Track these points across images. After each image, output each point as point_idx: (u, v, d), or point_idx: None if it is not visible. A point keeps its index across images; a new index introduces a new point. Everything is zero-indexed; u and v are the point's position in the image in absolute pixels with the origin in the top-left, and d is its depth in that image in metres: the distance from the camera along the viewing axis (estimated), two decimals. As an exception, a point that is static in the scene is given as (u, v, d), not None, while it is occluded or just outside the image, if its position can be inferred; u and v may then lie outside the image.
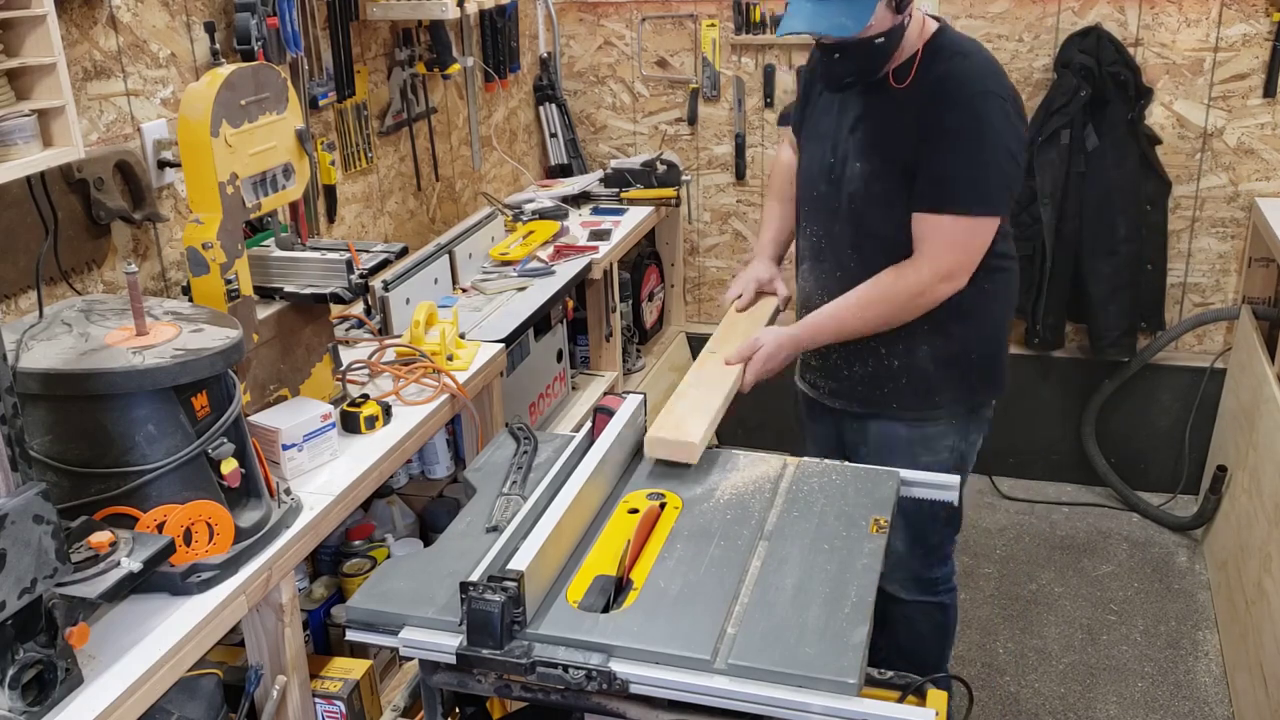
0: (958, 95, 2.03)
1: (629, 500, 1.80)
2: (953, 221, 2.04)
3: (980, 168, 2.03)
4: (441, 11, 2.93)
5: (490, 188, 3.72)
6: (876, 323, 2.13)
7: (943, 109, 2.03)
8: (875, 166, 2.11)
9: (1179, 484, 3.84)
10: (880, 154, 2.11)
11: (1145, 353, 3.75)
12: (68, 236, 2.07)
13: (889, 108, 2.10)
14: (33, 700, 1.40)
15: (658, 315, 4.09)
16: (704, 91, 3.99)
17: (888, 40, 2.02)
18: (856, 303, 2.13)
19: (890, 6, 1.99)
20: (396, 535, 2.52)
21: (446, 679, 1.52)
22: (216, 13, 2.41)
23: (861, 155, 2.14)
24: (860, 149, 2.14)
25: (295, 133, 2.09)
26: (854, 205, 2.16)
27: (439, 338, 2.41)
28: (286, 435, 1.97)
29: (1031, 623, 3.27)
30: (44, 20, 1.72)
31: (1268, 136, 3.53)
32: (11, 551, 1.32)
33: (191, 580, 1.65)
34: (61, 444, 1.62)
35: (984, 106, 2.01)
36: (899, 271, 2.09)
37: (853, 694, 1.36)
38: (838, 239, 2.21)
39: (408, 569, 1.62)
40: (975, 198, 2.04)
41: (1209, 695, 2.96)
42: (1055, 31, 3.60)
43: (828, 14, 1.97)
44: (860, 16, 1.96)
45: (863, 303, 2.12)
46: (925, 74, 2.06)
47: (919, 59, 2.07)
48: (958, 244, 2.06)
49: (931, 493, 1.90)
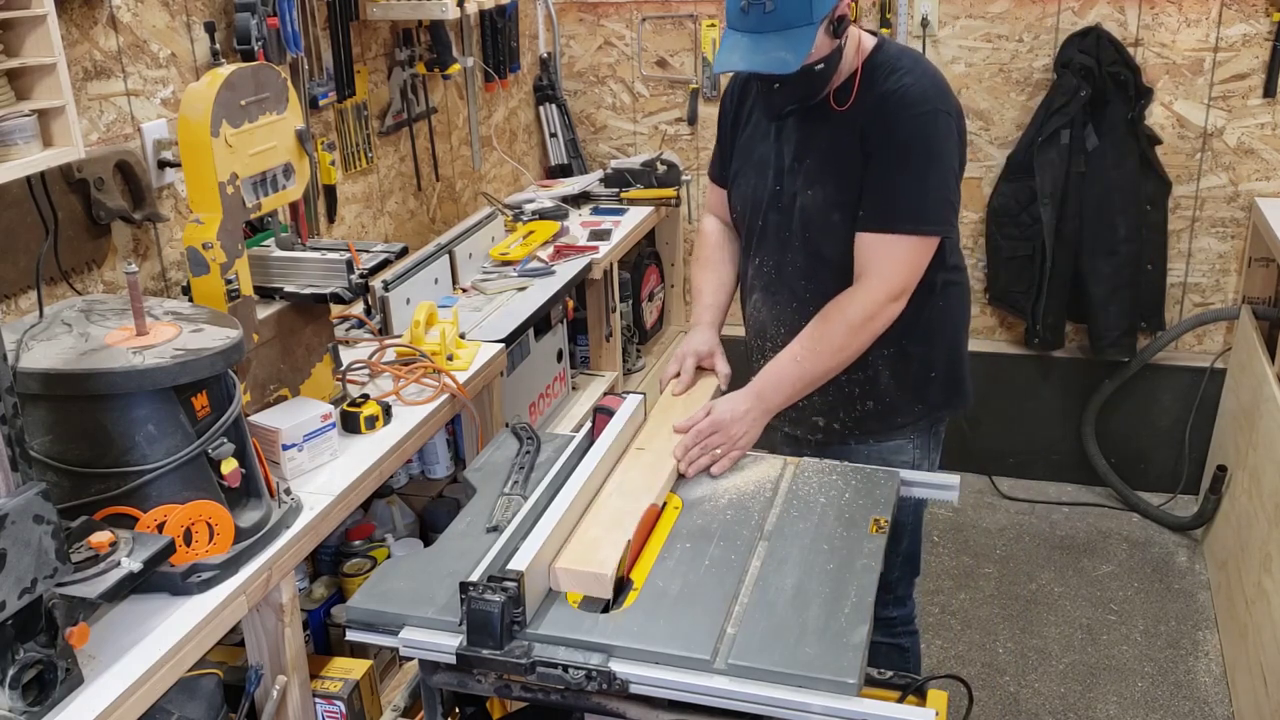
0: (903, 114, 1.96)
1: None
2: (900, 241, 1.97)
3: (927, 187, 1.97)
4: (441, 11, 2.93)
5: (490, 188, 3.72)
6: (834, 355, 2.00)
7: (888, 128, 1.96)
8: (829, 193, 2.03)
9: (1179, 484, 3.84)
10: (833, 180, 2.03)
11: (1145, 353, 3.75)
12: (68, 236, 2.07)
13: (833, 131, 2.03)
14: (33, 700, 1.40)
15: (658, 315, 4.09)
16: (704, 91, 3.99)
17: (827, 66, 1.95)
18: (810, 340, 2.00)
19: (829, 32, 1.91)
20: (396, 535, 2.52)
21: (446, 679, 1.53)
22: (216, 13, 2.41)
23: (812, 183, 2.06)
24: (810, 176, 2.06)
25: (295, 133, 2.09)
26: (808, 233, 2.08)
27: (439, 338, 2.41)
28: (286, 435, 1.97)
29: (1031, 623, 3.27)
30: (44, 20, 1.73)
31: (1268, 136, 3.53)
32: (12, 551, 1.32)
33: (192, 580, 1.65)
34: (62, 444, 1.62)
35: (931, 125, 1.95)
36: (847, 298, 1.99)
37: (853, 694, 1.36)
38: (790, 267, 2.13)
39: (408, 569, 1.62)
40: (923, 217, 1.97)
41: (1209, 695, 2.96)
42: (1055, 31, 3.60)
43: (766, 48, 1.88)
44: (800, 49, 1.87)
45: (816, 338, 2.00)
46: (866, 93, 2.00)
47: (859, 78, 2.00)
48: (904, 263, 1.98)
49: (932, 493, 1.91)
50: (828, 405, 2.17)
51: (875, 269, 1.98)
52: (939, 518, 3.79)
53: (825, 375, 2.02)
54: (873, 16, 3.69)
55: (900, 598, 2.35)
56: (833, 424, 2.19)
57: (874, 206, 1.98)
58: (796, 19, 1.86)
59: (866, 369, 2.10)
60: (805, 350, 2.00)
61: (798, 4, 1.85)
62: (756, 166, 2.16)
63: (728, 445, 1.91)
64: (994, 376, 3.87)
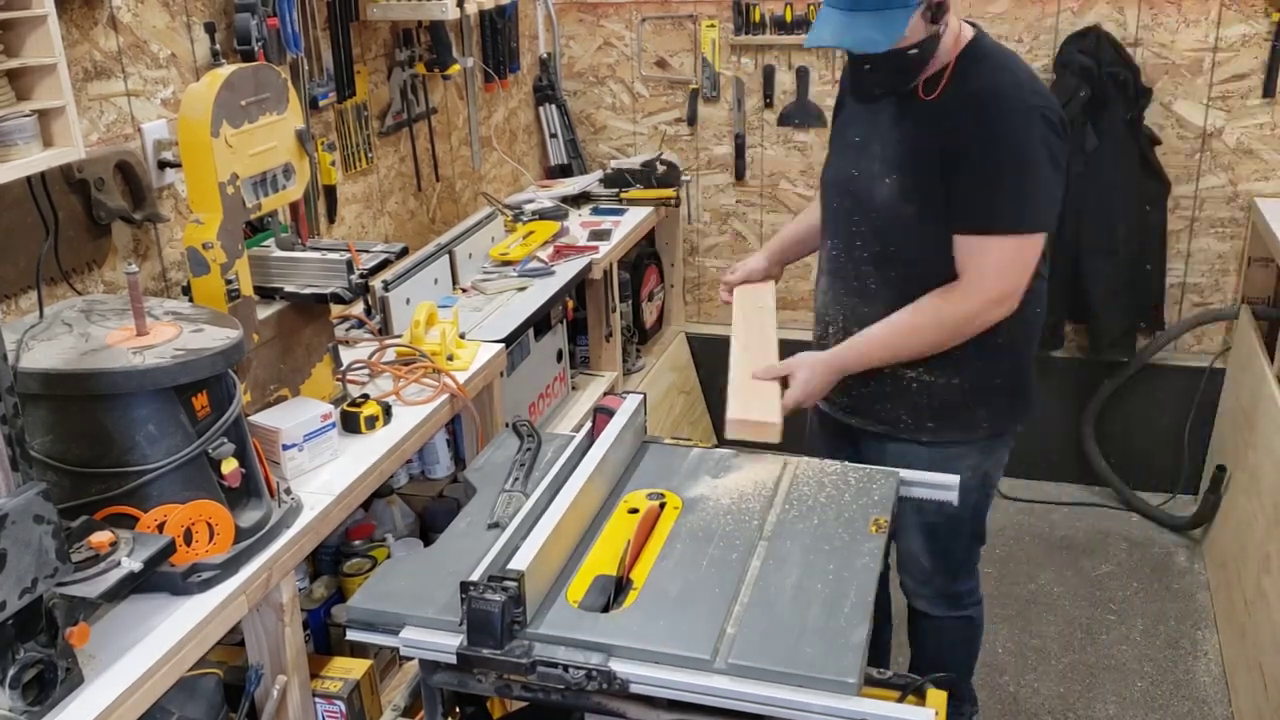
0: (999, 110, 1.93)
1: (629, 500, 1.80)
2: (1000, 242, 1.96)
3: (1025, 185, 1.94)
4: (441, 12, 2.93)
5: (490, 188, 3.73)
6: (924, 348, 2.04)
7: (984, 125, 1.93)
8: (905, 184, 2.02)
9: (1179, 484, 3.84)
10: (911, 171, 2.01)
11: (1145, 353, 3.75)
12: (68, 236, 2.07)
13: (918, 122, 2.01)
14: (33, 700, 1.40)
15: (658, 315, 4.09)
16: (704, 92, 3.99)
17: (921, 51, 1.93)
18: (904, 327, 2.02)
19: (925, 16, 1.89)
20: (396, 535, 2.52)
21: (446, 679, 1.53)
22: (216, 13, 2.41)
23: (889, 171, 2.04)
24: (888, 165, 2.04)
25: (295, 133, 2.09)
26: (878, 223, 2.07)
27: (439, 338, 2.41)
28: (287, 435, 1.97)
29: (1031, 622, 3.27)
30: (44, 20, 1.73)
31: (1267, 136, 3.54)
32: (12, 551, 1.32)
33: (192, 580, 1.65)
34: (62, 444, 1.63)
35: (1027, 122, 1.93)
36: (946, 296, 1.99)
37: (853, 694, 1.37)
38: (858, 256, 2.12)
39: (408, 569, 1.63)
40: (1022, 216, 1.96)
41: (1209, 695, 2.97)
42: (1055, 32, 3.60)
43: (857, 27, 1.88)
44: (891, 31, 1.87)
45: (910, 328, 2.02)
46: (959, 87, 1.97)
47: (951, 70, 1.97)
48: (1006, 265, 1.97)
49: (931, 492, 1.90)
50: (887, 395, 2.17)
51: (974, 271, 1.97)
52: (939, 518, 3.79)
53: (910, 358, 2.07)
54: (872, 17, 3.69)
55: (969, 570, 2.38)
56: (895, 415, 2.18)
57: (971, 207, 1.96)
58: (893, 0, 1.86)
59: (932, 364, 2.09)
60: (898, 341, 2.04)
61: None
62: (841, 149, 2.17)
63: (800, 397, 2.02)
64: (994, 376, 3.87)
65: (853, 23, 1.89)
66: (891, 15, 1.87)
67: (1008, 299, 1.98)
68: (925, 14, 1.89)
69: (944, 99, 1.98)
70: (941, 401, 2.13)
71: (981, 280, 1.97)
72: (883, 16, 1.87)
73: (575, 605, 1.53)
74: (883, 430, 2.21)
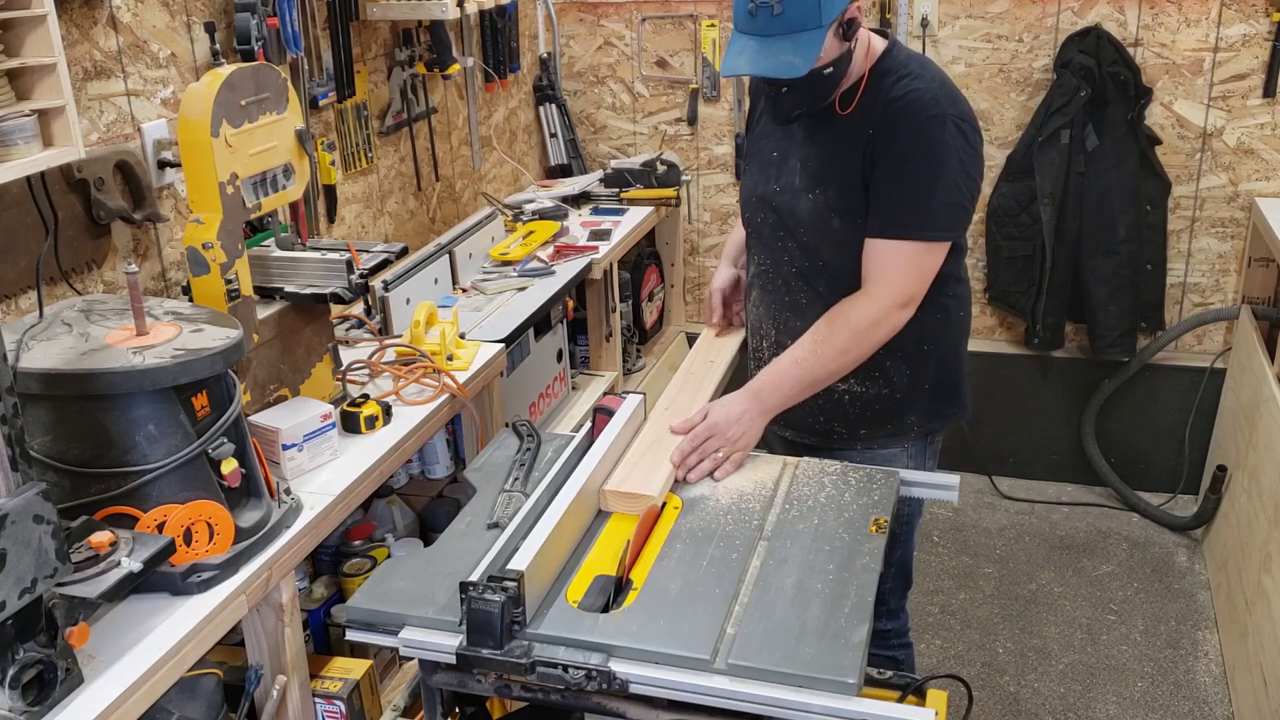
0: (910, 119, 1.92)
1: (629, 500, 1.79)
2: (907, 247, 1.94)
3: (934, 192, 1.92)
4: (441, 11, 2.93)
5: (490, 188, 3.73)
6: (838, 360, 1.97)
7: (895, 134, 1.92)
8: (829, 198, 2.01)
9: (1179, 484, 3.84)
10: (833, 185, 2.00)
11: (1145, 353, 3.75)
12: (68, 236, 2.07)
13: (837, 136, 1.99)
14: (33, 700, 1.40)
15: (658, 315, 4.09)
16: (704, 91, 3.99)
17: (836, 69, 1.91)
18: (813, 343, 1.97)
19: (838, 35, 1.87)
20: (396, 535, 2.52)
21: (446, 679, 1.53)
22: (216, 13, 2.41)
23: (811, 186, 2.03)
24: (809, 179, 2.04)
25: (295, 133, 2.09)
26: (804, 238, 2.06)
27: (439, 338, 2.41)
28: (286, 435, 1.97)
29: (1031, 622, 3.27)
30: (44, 20, 1.73)
31: (1267, 136, 3.53)
32: (12, 551, 1.32)
33: (192, 580, 1.65)
34: (62, 444, 1.62)
35: (938, 130, 1.91)
36: (852, 303, 1.96)
37: (853, 694, 1.36)
38: (785, 271, 2.12)
39: (408, 569, 1.62)
40: (929, 222, 1.94)
41: (1209, 695, 2.96)
42: (1055, 32, 3.60)
43: (773, 52, 1.84)
44: (808, 53, 1.83)
45: (819, 340, 1.97)
46: (873, 98, 1.96)
47: (865, 83, 1.97)
48: (913, 270, 1.95)
49: (932, 493, 1.91)
50: (820, 409, 2.15)
51: (883, 275, 1.95)
52: (939, 518, 3.79)
53: (827, 379, 1.99)
54: (873, 16, 3.69)
55: (893, 610, 2.31)
56: (828, 427, 2.17)
57: (882, 212, 1.95)
58: (805, 22, 1.83)
59: (862, 372, 2.07)
60: (807, 353, 1.97)
61: (806, 6, 1.82)
62: (760, 165, 2.15)
63: (727, 448, 1.89)
64: (994, 376, 3.87)
65: (768, 49, 1.85)
66: (807, 38, 1.83)
67: (910, 303, 1.96)
68: (838, 32, 1.87)
69: (858, 112, 1.97)
70: (874, 410, 2.13)
71: (887, 283, 1.95)
72: (796, 40, 1.83)
73: (575, 605, 1.53)
74: (817, 442, 2.20)
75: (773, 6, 1.81)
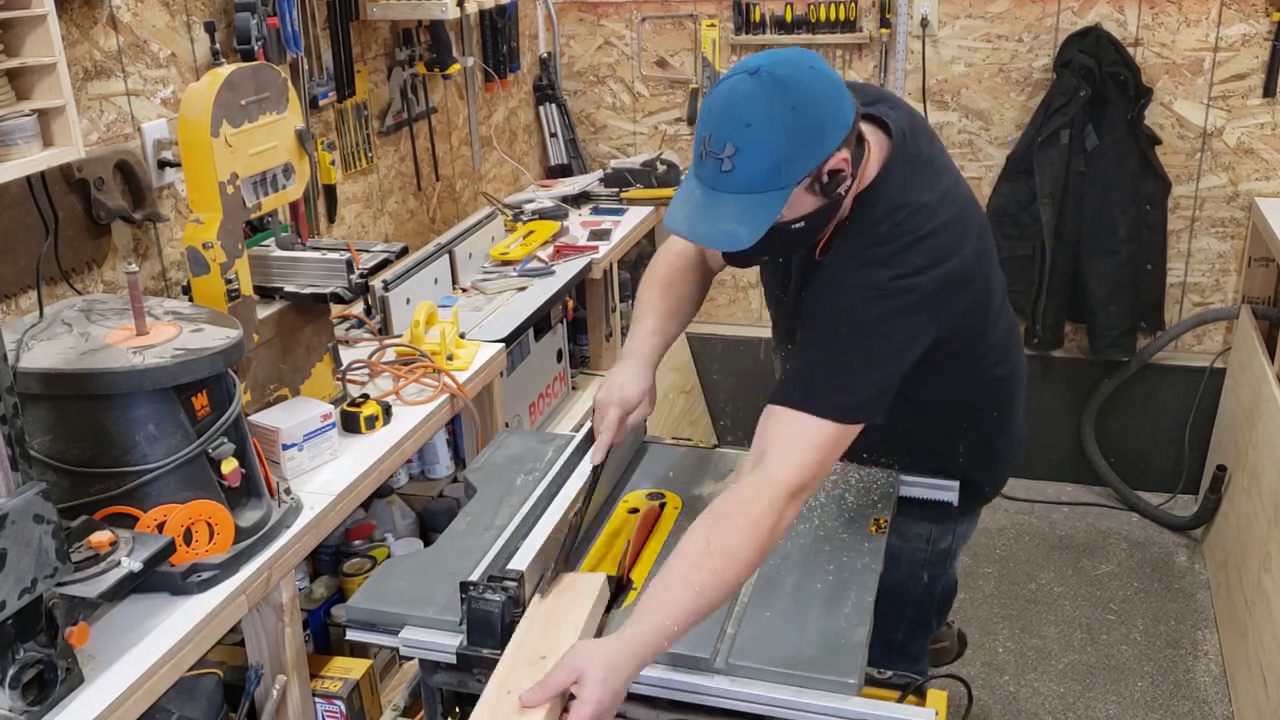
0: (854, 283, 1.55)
1: (629, 500, 1.80)
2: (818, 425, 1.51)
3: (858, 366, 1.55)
4: (441, 11, 2.93)
5: (490, 188, 3.72)
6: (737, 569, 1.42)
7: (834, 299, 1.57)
8: None
9: (1179, 484, 3.84)
10: None
11: (1145, 353, 3.75)
12: (68, 236, 2.07)
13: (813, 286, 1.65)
14: (33, 700, 1.40)
15: (658, 315, 4.08)
16: (704, 91, 3.99)
17: (808, 226, 1.53)
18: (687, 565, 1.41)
19: (814, 190, 1.49)
20: (396, 535, 2.52)
21: (446, 679, 1.53)
22: (216, 13, 2.41)
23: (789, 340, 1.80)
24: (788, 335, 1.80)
25: (295, 133, 2.09)
26: None
27: (439, 337, 2.41)
28: (286, 435, 1.97)
29: (1031, 622, 3.27)
30: (44, 20, 1.73)
31: (1267, 136, 3.54)
32: (12, 551, 1.32)
33: (191, 580, 1.65)
34: (62, 444, 1.62)
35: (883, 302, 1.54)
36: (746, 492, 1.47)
37: (853, 694, 1.37)
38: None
39: (408, 569, 1.63)
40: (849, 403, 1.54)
41: (1209, 695, 2.97)
42: (1055, 31, 3.60)
43: (715, 216, 1.46)
44: (757, 222, 1.45)
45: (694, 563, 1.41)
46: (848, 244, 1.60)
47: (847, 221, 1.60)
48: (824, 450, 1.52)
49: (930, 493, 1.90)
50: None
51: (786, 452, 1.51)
52: (939, 517, 3.80)
53: (726, 597, 1.44)
54: (873, 16, 3.69)
55: (912, 655, 2.04)
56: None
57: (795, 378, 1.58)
58: (760, 184, 1.45)
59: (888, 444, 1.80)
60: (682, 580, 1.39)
61: (760, 170, 1.44)
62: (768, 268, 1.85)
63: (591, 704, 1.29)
64: (994, 376, 3.87)
65: (713, 207, 1.47)
66: (761, 200, 1.45)
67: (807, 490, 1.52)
68: (813, 188, 1.49)
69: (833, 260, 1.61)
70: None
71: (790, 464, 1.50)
72: (746, 203, 1.45)
73: (575, 605, 1.52)
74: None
75: (721, 161, 1.44)
